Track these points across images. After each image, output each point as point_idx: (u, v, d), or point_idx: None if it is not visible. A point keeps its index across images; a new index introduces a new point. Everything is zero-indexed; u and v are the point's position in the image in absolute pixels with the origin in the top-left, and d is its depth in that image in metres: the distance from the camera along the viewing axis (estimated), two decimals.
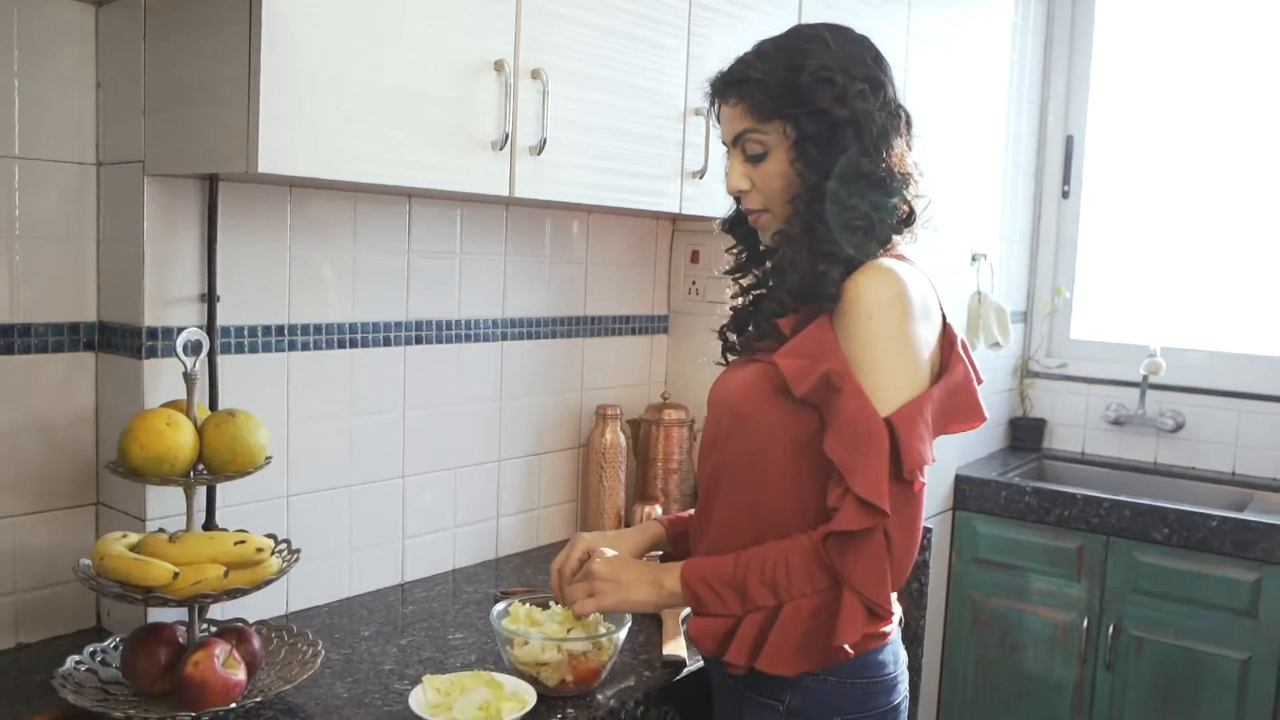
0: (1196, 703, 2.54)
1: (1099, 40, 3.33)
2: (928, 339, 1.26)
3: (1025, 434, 3.34)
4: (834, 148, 1.26)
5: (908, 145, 1.32)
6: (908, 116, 1.33)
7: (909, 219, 1.32)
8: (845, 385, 1.20)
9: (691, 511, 1.49)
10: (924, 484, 1.23)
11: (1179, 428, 3.11)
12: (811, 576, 1.21)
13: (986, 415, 1.32)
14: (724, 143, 1.37)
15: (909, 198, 1.32)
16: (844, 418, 1.20)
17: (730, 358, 1.46)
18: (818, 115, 1.26)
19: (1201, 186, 3.16)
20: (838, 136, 1.26)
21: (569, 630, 1.41)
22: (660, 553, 1.53)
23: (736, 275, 1.47)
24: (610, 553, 1.38)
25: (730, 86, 1.32)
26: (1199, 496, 2.91)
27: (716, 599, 1.24)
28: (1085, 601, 2.68)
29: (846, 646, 1.20)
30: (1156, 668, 2.59)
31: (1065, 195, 3.40)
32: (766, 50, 1.32)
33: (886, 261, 1.26)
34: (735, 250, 1.48)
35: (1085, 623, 2.67)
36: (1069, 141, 3.38)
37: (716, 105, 1.37)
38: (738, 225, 1.45)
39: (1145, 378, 3.10)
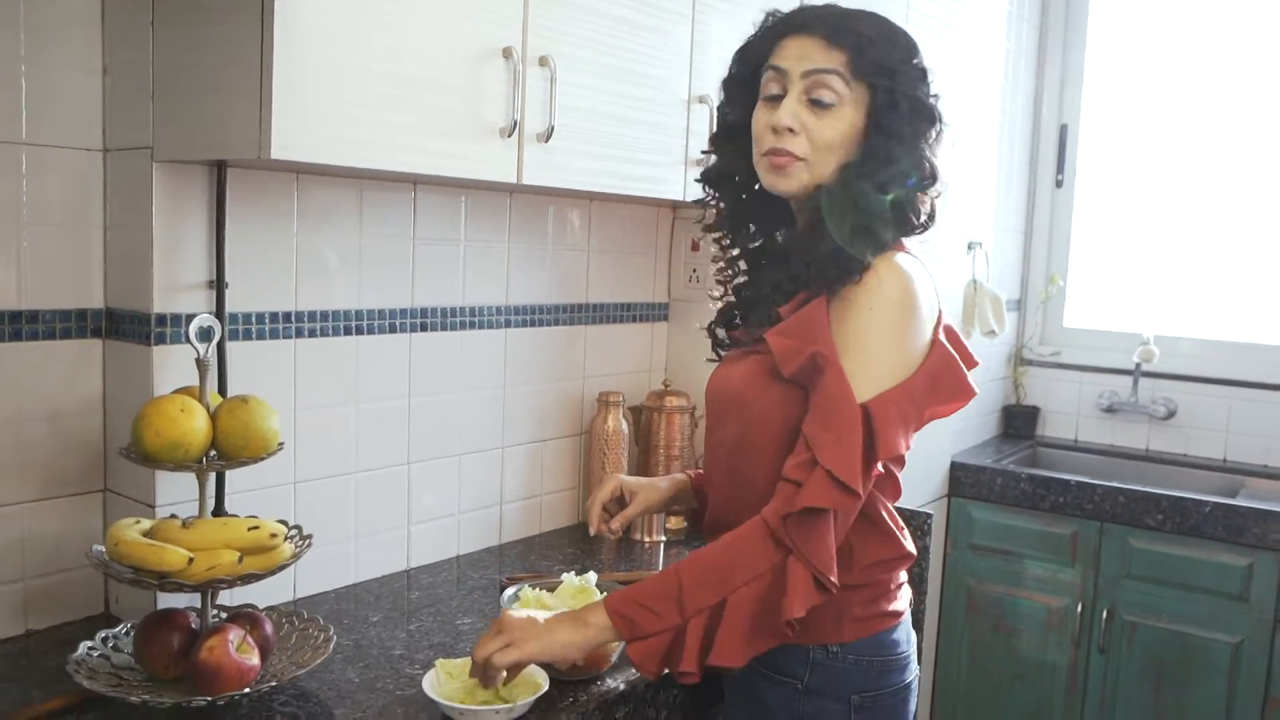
0: (1189, 685, 2.57)
1: (1093, 30, 3.35)
2: (922, 338, 1.26)
3: (1019, 421, 3.37)
4: (905, 133, 1.26)
5: None
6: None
7: (930, 218, 1.32)
8: (829, 367, 1.21)
9: None
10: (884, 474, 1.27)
11: (1171, 415, 3.14)
12: (753, 560, 1.18)
13: (976, 390, 1.31)
14: (781, 71, 1.29)
15: (932, 198, 1.32)
16: (823, 397, 1.21)
17: (722, 353, 1.45)
18: (910, 98, 1.26)
19: (1194, 176, 3.18)
20: (913, 125, 1.26)
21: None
22: (681, 508, 1.57)
23: (723, 235, 1.43)
24: (528, 613, 1.27)
25: (834, 28, 1.27)
26: (1191, 483, 2.94)
27: (652, 617, 1.19)
28: (1079, 586, 2.71)
29: (793, 622, 1.17)
30: (1149, 651, 2.62)
31: (1059, 184, 3.42)
32: (867, 16, 1.30)
33: (898, 256, 1.26)
34: (714, 203, 1.44)
35: (1079, 607, 2.70)
36: (1063, 130, 3.40)
37: (784, 36, 1.30)
38: (723, 180, 1.41)
39: (1138, 365, 3.13)
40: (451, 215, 1.86)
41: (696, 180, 1.47)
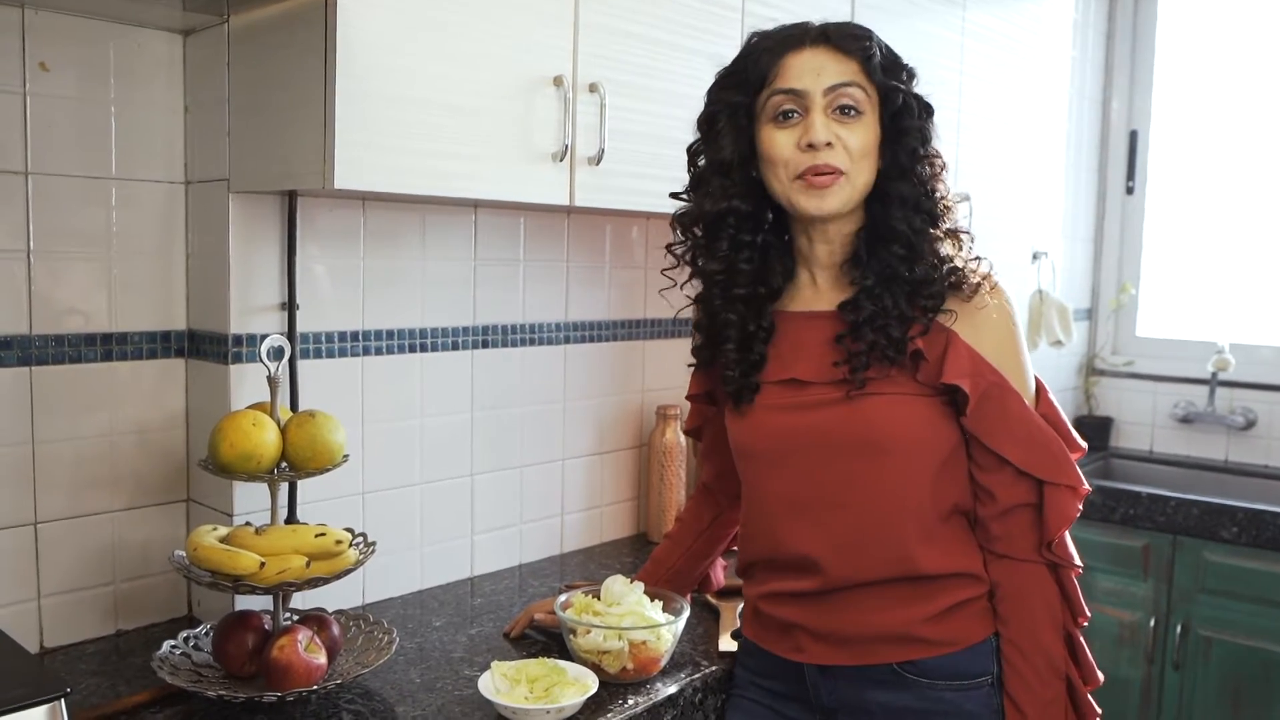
0: (1268, 703, 2.50)
1: (1162, 34, 3.29)
2: None
3: (1091, 432, 3.30)
4: (925, 132, 1.28)
5: None
6: None
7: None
8: (1007, 395, 1.25)
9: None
10: None
11: (1250, 425, 3.06)
12: (1049, 605, 1.31)
13: None
14: (797, 93, 1.25)
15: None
16: (1012, 422, 1.25)
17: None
18: (914, 97, 1.29)
19: (1268, 179, 3.10)
20: (924, 122, 1.28)
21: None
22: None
23: (742, 278, 1.35)
24: None
25: (842, 36, 1.27)
26: (1272, 494, 2.86)
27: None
28: (1152, 601, 2.66)
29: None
30: (1226, 668, 2.56)
31: (1129, 191, 3.36)
32: (853, 23, 1.32)
33: None
34: (696, 245, 1.41)
35: (1152, 622, 2.65)
36: (1133, 137, 3.35)
37: (787, 53, 1.27)
38: (728, 217, 1.34)
39: (1214, 375, 3.06)
40: (511, 236, 1.94)
41: (673, 225, 1.44)
